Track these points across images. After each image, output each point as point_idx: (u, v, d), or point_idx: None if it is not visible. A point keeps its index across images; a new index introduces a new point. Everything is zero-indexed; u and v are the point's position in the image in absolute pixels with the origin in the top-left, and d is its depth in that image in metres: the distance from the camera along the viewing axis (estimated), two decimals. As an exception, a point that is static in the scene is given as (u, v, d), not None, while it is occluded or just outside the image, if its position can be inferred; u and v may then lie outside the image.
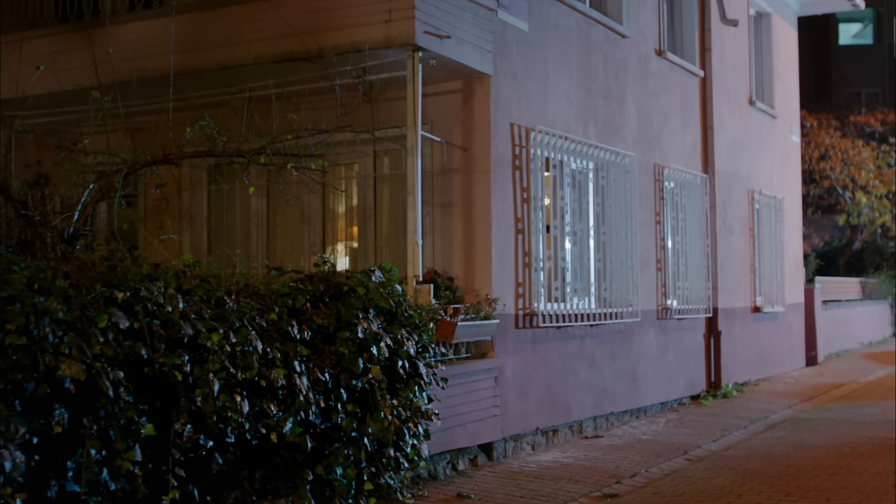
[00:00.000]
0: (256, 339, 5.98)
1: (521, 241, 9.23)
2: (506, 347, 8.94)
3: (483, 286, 8.77)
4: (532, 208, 9.35)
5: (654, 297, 11.92)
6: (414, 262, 7.90)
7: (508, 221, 9.05)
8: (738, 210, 14.70)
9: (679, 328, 12.61)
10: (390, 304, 7.02)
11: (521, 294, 9.20)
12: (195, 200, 10.29)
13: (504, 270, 8.95)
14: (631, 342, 11.29)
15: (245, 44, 8.43)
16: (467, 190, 8.92)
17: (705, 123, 13.70)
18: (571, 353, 10.04)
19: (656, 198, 12.08)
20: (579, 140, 10.13)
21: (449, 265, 8.95)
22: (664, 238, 12.25)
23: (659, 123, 12.27)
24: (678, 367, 12.54)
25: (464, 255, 8.90)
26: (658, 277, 12.01)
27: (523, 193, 9.28)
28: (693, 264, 12.88)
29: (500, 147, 8.99)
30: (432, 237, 9.03)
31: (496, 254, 8.85)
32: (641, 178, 11.69)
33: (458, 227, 8.94)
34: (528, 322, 9.29)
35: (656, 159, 12.14)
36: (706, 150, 13.68)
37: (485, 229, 8.81)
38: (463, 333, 8.22)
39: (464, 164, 8.95)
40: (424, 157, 9.10)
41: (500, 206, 8.95)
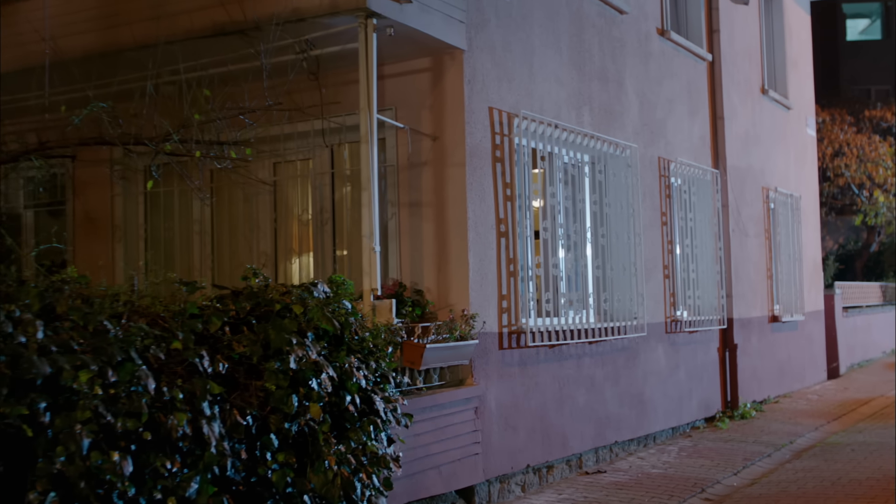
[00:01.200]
0: (148, 377, 4.60)
1: (505, 246, 7.85)
2: (487, 372, 7.54)
3: (459, 300, 7.38)
4: (517, 208, 7.96)
5: (662, 309, 10.52)
6: (371, 273, 6.52)
7: (489, 223, 7.67)
8: (753, 209, 13.31)
9: (690, 342, 11.21)
10: (335, 326, 5.63)
11: (506, 309, 7.82)
12: (130, 206, 8.92)
13: (484, 281, 7.57)
14: (636, 360, 9.89)
15: (169, 17, 7.08)
16: (439, 186, 7.54)
17: (715, 113, 12.31)
18: (567, 375, 8.64)
19: (662, 195, 10.69)
20: (572, 128, 8.75)
21: (418, 276, 7.57)
22: (672, 241, 10.86)
23: (663, 112, 10.89)
24: (690, 387, 11.13)
25: (436, 264, 7.52)
26: (666, 286, 10.62)
27: (506, 190, 7.90)
28: (704, 270, 11.48)
29: (477, 135, 7.61)
30: (398, 243, 7.65)
31: (474, 262, 7.46)
32: (645, 174, 10.30)
33: (428, 230, 7.56)
34: (514, 341, 7.90)
35: (661, 152, 10.75)
36: (716, 142, 12.29)
37: (460, 233, 7.43)
38: (434, 358, 6.83)
39: (434, 155, 7.57)
40: (388, 149, 7.72)
41: (479, 205, 7.56)
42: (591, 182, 9.27)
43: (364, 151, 6.55)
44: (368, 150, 6.53)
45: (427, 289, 7.52)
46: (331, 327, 5.62)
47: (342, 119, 7.67)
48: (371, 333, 5.98)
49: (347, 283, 6.35)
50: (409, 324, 6.90)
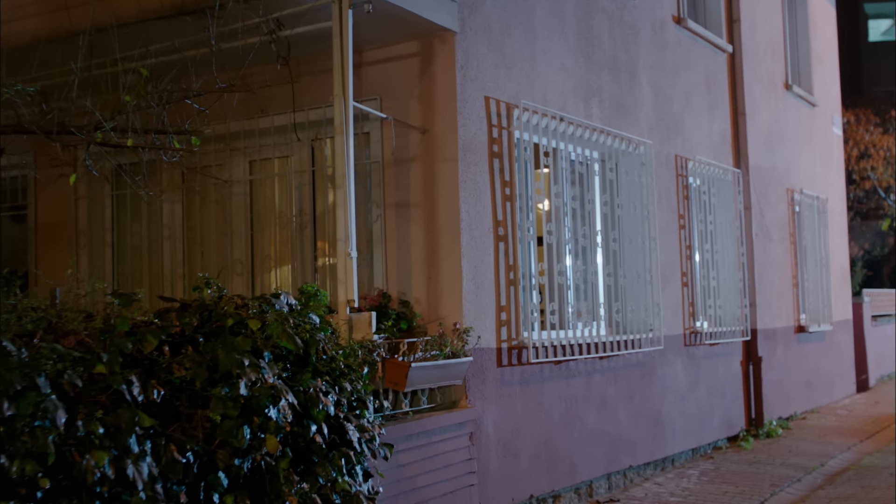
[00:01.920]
0: (57, 408, 3.82)
1: (504, 251, 7.03)
2: (484, 393, 6.72)
3: (451, 313, 6.57)
4: (518, 209, 7.15)
5: (680, 319, 9.67)
6: (347, 283, 5.71)
7: (485, 226, 6.86)
8: (777, 212, 12.44)
9: (711, 355, 10.35)
10: (297, 344, 4.83)
11: (505, 321, 7.00)
12: (95, 210, 8.15)
13: (480, 291, 6.75)
14: (652, 376, 9.04)
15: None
16: (429, 185, 6.74)
17: (735, 108, 11.46)
18: (575, 394, 7.81)
19: (679, 196, 9.85)
20: (579, 122, 7.93)
21: (406, 285, 6.76)
22: (690, 246, 10.01)
23: (680, 106, 10.05)
24: (712, 404, 10.26)
25: (425, 272, 6.72)
26: (684, 294, 9.77)
27: (505, 189, 7.09)
28: (726, 277, 10.62)
29: (472, 127, 6.81)
30: (384, 248, 6.85)
31: (469, 269, 6.65)
32: (660, 172, 9.47)
33: (417, 234, 6.76)
34: (515, 357, 7.08)
35: (678, 149, 9.91)
36: (737, 140, 11.43)
37: (452, 236, 6.62)
38: (421, 378, 6.02)
39: (424, 150, 6.77)
40: (373, 144, 6.93)
41: (474, 205, 6.75)
42: (601, 181, 8.45)
43: (339, 144, 5.75)
44: (344, 143, 5.74)
45: (416, 300, 6.71)
46: (292, 346, 4.82)
47: (322, 112, 6.89)
48: (344, 352, 5.19)
49: (321, 293, 5.57)
50: (392, 339, 6.10)
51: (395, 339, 6.09)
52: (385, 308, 6.39)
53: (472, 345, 6.49)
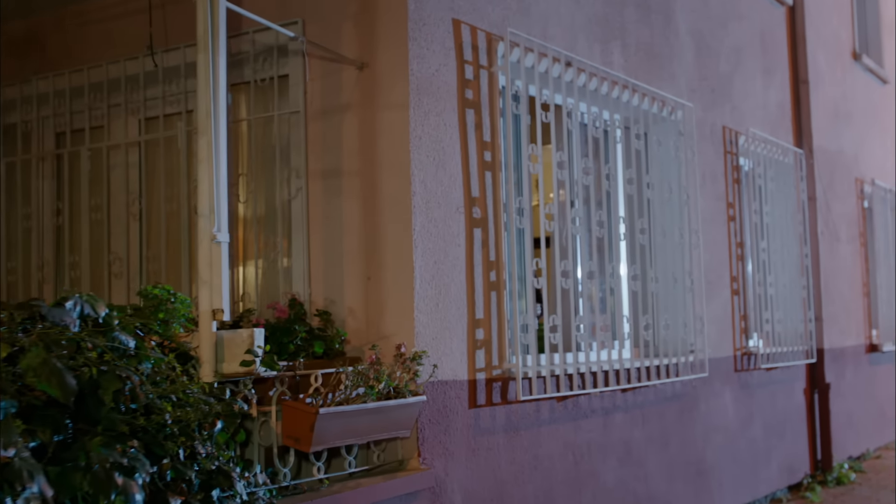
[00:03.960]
0: None
1: (482, 241, 4.93)
2: (447, 447, 4.60)
3: (399, 328, 4.47)
4: (502, 182, 5.05)
5: (730, 337, 7.50)
6: (213, 282, 3.61)
7: (452, 204, 4.76)
8: (844, 206, 10.21)
9: (768, 383, 8.15)
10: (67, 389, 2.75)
11: (483, 342, 4.88)
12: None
13: (444, 297, 4.65)
14: (693, 412, 6.87)
15: None
16: (368, 144, 4.65)
17: (797, 75, 9.27)
18: (588, 441, 5.66)
19: (728, 179, 7.68)
20: (594, 69, 5.82)
21: (335, 289, 4.67)
22: (742, 243, 7.84)
23: (729, 65, 7.89)
24: (769, 445, 8.06)
25: (362, 270, 4.62)
26: (734, 305, 7.59)
27: (484, 154, 4.98)
28: (786, 284, 8.41)
29: (432, 62, 4.71)
30: (305, 236, 4.76)
31: (425, 265, 4.55)
32: (704, 146, 7.31)
33: (352, 215, 4.67)
34: (497, 393, 4.96)
35: (726, 119, 7.75)
36: (799, 113, 9.23)
37: (401, 218, 4.52)
38: (340, 429, 3.92)
39: (361, 94, 4.68)
40: (292, 88, 4.86)
41: (434, 173, 4.65)
42: (624, 152, 6.31)
43: (201, 62, 3.66)
44: (208, 60, 3.65)
45: (349, 310, 4.61)
46: (58, 392, 2.75)
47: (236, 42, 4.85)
48: (174, 399, 3.11)
49: (180, 299, 3.53)
50: (297, 370, 4.01)
51: (298, 372, 4.00)
52: (294, 321, 4.30)
53: (426, 378, 4.37)
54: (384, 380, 4.05)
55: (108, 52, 5.44)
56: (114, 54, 5.38)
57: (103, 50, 5.49)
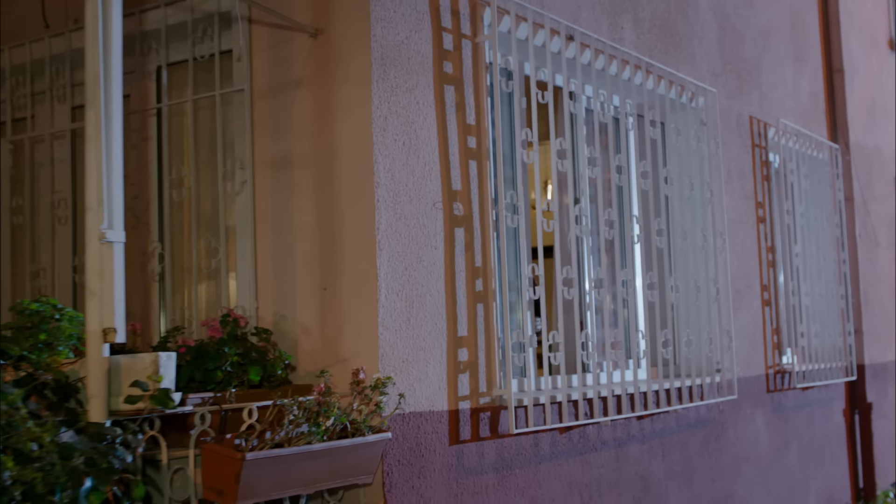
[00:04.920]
0: None
1: (466, 244, 4.11)
2: (423, 493, 3.78)
3: (360, 348, 3.66)
4: (491, 173, 4.25)
5: (761, 353, 6.64)
6: (105, 293, 2.82)
7: (427, 198, 3.95)
8: (883, 208, 9.33)
9: (804, 404, 7.28)
10: None
11: (467, 364, 4.06)
12: None
13: (416, 310, 3.83)
14: (721, 440, 6.02)
15: None
16: (323, 127, 3.85)
17: (830, 64, 8.41)
18: (598, 477, 4.83)
19: (757, 175, 6.84)
20: (602, 44, 5.01)
21: (286, 302, 3.87)
22: (773, 248, 6.99)
23: (756, 49, 7.06)
24: (806, 473, 7.18)
25: (317, 279, 3.82)
26: (766, 317, 6.73)
27: (467, 139, 4.18)
28: (823, 293, 7.53)
29: (401, 28, 3.91)
30: (252, 238, 3.97)
31: (392, 272, 3.74)
32: (729, 138, 6.48)
33: (305, 212, 3.87)
34: (485, 426, 4.14)
35: (754, 109, 6.91)
36: (833, 105, 8.38)
37: (361, 214, 3.71)
38: (277, 477, 3.11)
39: (316, 66, 3.89)
40: (236, 63, 4.08)
41: (404, 161, 3.85)
42: (637, 142, 5.49)
43: (89, 9, 2.88)
44: (96, 6, 2.87)
45: (302, 326, 3.81)
46: None
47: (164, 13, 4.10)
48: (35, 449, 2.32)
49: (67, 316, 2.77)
50: (226, 403, 3.22)
51: (226, 406, 3.20)
52: (228, 343, 3.49)
53: (391, 410, 3.56)
54: (334, 414, 3.24)
55: (33, 29, 4.69)
56: (38, 30, 4.63)
57: (26, 26, 4.74)
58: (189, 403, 3.15)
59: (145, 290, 4.28)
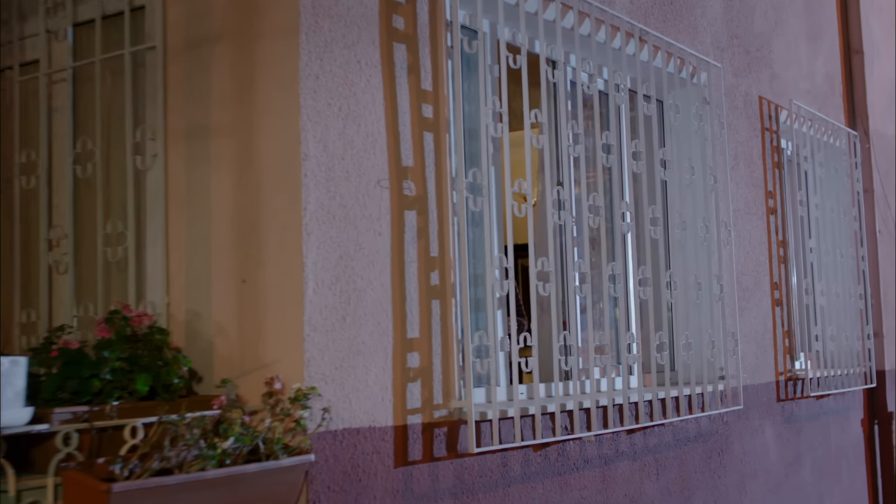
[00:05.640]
0: None
1: (418, 229, 3.50)
2: (359, 525, 3.18)
3: (284, 352, 3.06)
4: (451, 149, 3.64)
5: (771, 359, 6.00)
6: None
7: (370, 174, 3.34)
8: (905, 201, 8.67)
9: (819, 414, 6.63)
10: None
11: (420, 371, 3.44)
12: None
13: (354, 309, 3.22)
14: (725, 456, 5.38)
15: None
16: (243, 89, 3.25)
17: (848, 44, 7.76)
18: (580, 501, 4.20)
19: (767, 161, 6.21)
20: (587, 7, 4.39)
21: (201, 297, 3.27)
22: (784, 242, 6.35)
23: (767, 23, 6.42)
24: (821, 490, 6.53)
25: (236, 270, 3.22)
26: (776, 318, 6.09)
27: (421, 107, 3.57)
28: (839, 293, 6.88)
29: (340, -28, 3.31)
30: (164, 222, 3.36)
31: (322, 262, 3.13)
32: (736, 119, 5.85)
33: (222, 189, 3.27)
34: (441, 444, 3.52)
35: (764, 89, 6.28)
36: (851, 89, 7.72)
37: (286, 192, 3.11)
38: (163, 512, 2.50)
39: (237, 18, 3.29)
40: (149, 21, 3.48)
41: (341, 131, 3.24)
42: (628, 122, 4.86)
43: None
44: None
45: (218, 326, 3.21)
46: None
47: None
48: None
49: None
50: (93, 424, 2.62)
51: (97, 424, 2.60)
52: (114, 345, 2.89)
53: (315, 426, 2.95)
54: (235, 434, 2.63)
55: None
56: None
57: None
58: (55, 420, 2.56)
59: (51, 282, 3.69)
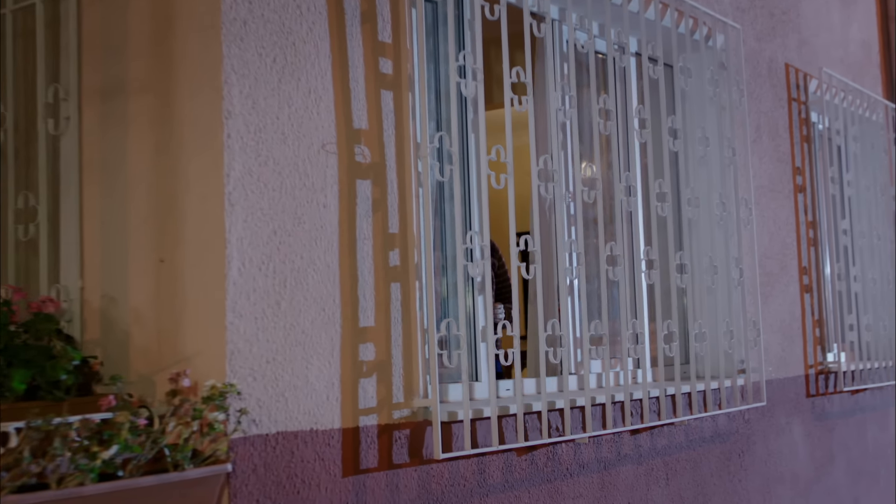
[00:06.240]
0: None
1: (373, 201, 3.03)
2: (296, 545, 2.72)
3: (206, 343, 2.61)
4: (413, 108, 3.17)
5: (799, 350, 5.46)
6: None
7: (312, 137, 2.88)
8: (950, 181, 8.05)
9: (854, 410, 6.08)
10: None
11: (376, 365, 2.98)
12: None
13: (292, 292, 2.77)
14: (747, 458, 4.86)
15: None
16: (161, 37, 2.80)
17: (885, 10, 7.18)
18: (574, 511, 3.73)
19: (795, 135, 5.66)
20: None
21: (118, 277, 2.83)
22: (815, 222, 5.80)
23: (793, -17, 5.89)
24: (856, 493, 5.98)
25: (154, 246, 2.77)
26: (805, 305, 5.55)
27: (378, 62, 3.10)
28: (876, 279, 6.30)
29: None
30: (77, 192, 2.93)
31: (251, 237, 2.68)
32: (759, 89, 5.31)
33: (140, 155, 2.82)
34: (401, 450, 3.05)
35: (791, 56, 5.73)
36: (889, 59, 7.14)
37: (206, 156, 2.65)
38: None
39: (156, -44, 2.84)
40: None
41: (275, 85, 2.78)
42: (638, 89, 4.35)
43: None
44: None
45: (135, 312, 2.77)
46: None
47: None
48: None
49: None
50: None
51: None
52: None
53: (234, 429, 2.50)
54: (120, 442, 2.19)
55: None
56: None
57: None
58: None
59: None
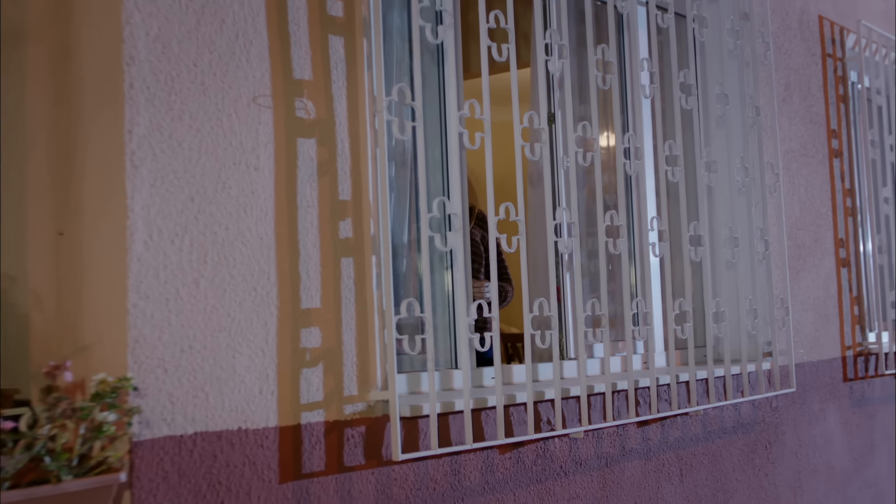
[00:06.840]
0: None
1: (318, 163, 2.62)
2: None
3: (108, 328, 2.22)
4: (369, 53, 2.74)
5: (836, 330, 4.96)
6: None
7: (241, 87, 2.47)
8: None
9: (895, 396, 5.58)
10: None
11: (322, 353, 2.58)
12: None
13: (213, 269, 2.37)
14: (775, 450, 4.40)
15: None
16: (63, -28, 2.41)
17: (933, -41, 6.60)
18: (570, 514, 3.30)
19: (830, 95, 5.14)
20: None
21: (16, 254, 2.45)
22: (852, 190, 5.29)
23: (828, -73, 5.35)
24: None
25: (53, 218, 2.39)
26: (842, 282, 5.05)
27: (324, 2, 2.68)
28: (923, 251, 5.78)
29: None
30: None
31: (158, 205, 2.28)
32: (788, 42, 4.81)
33: (37, 111, 2.44)
34: (354, 450, 2.65)
35: (825, 8, 5.21)
36: (938, 13, 6.56)
37: (106, 113, 2.26)
38: None
39: None
40: None
41: (194, 24, 2.37)
42: (649, 42, 3.89)
43: None
44: None
45: (35, 294, 2.39)
46: None
47: None
48: None
49: None
50: None
51: None
52: None
53: (123, 432, 2.11)
54: None
55: None
56: None
57: None
58: None
59: None
